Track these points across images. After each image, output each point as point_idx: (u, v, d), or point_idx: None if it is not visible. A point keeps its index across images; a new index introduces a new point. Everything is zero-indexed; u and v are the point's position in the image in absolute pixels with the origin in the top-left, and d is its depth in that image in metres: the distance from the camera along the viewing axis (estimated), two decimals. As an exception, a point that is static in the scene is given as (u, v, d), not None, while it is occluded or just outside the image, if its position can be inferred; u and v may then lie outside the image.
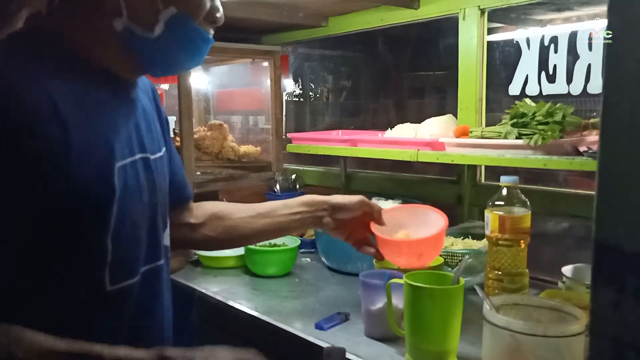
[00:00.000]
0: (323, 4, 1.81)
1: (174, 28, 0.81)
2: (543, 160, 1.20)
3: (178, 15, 0.80)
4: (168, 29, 0.81)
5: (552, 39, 1.46)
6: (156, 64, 0.86)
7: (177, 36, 0.82)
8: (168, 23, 0.80)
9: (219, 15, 0.86)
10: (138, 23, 0.80)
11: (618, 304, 0.65)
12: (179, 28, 0.81)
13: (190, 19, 0.82)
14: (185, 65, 0.89)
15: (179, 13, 0.80)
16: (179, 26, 0.81)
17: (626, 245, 0.63)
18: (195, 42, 0.85)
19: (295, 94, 2.49)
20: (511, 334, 0.83)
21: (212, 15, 0.85)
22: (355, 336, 1.14)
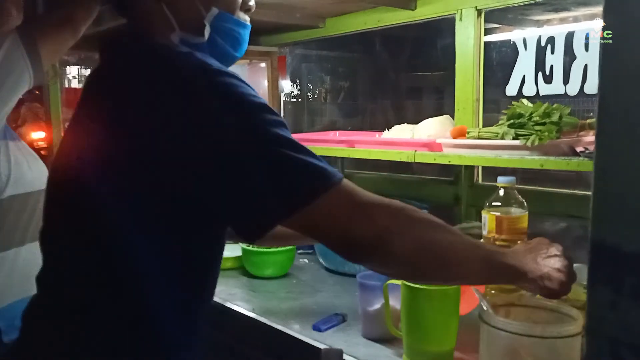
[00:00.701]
0: (320, 4, 1.81)
1: (219, 26, 0.87)
2: (540, 161, 1.20)
3: (220, 14, 0.86)
4: (214, 29, 0.86)
5: (548, 40, 1.46)
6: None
7: (223, 32, 0.88)
8: (213, 23, 0.86)
9: (251, 2, 0.92)
10: (190, 32, 0.85)
11: (615, 304, 0.65)
12: (223, 25, 0.87)
13: (230, 14, 0.88)
14: (235, 56, 0.93)
15: (220, 12, 0.86)
16: (223, 23, 0.87)
17: (623, 245, 0.63)
18: (239, 33, 0.91)
19: (293, 95, 2.48)
20: (508, 335, 0.83)
21: (246, 4, 0.92)
22: (352, 337, 1.14)
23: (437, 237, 0.79)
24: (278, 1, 1.73)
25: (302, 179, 0.72)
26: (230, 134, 0.71)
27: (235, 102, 0.72)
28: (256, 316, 1.27)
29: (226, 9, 0.87)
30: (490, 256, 0.83)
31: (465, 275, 0.84)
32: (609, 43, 0.64)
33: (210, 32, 0.86)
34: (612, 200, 0.64)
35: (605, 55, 0.64)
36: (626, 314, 0.64)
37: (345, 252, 0.77)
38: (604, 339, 0.67)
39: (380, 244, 0.75)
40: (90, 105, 0.83)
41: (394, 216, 0.77)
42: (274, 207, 0.71)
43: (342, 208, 0.74)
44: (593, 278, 0.67)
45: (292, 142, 0.73)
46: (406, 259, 0.77)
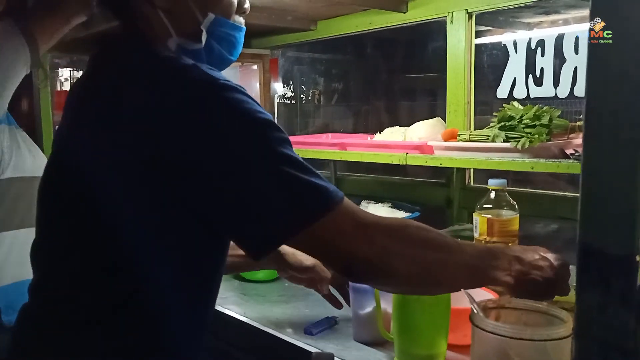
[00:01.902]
0: (311, 7, 1.81)
1: (215, 31, 0.86)
2: (530, 163, 1.21)
3: (216, 20, 0.85)
4: (210, 34, 0.85)
5: (538, 42, 1.47)
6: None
7: (219, 37, 0.87)
8: (209, 29, 0.85)
9: (247, 5, 0.92)
10: (186, 38, 0.84)
11: (603, 306, 0.65)
12: (220, 30, 0.86)
13: (226, 18, 0.87)
14: (231, 59, 0.93)
15: (217, 17, 0.85)
16: (219, 28, 0.86)
17: (610, 248, 0.64)
18: (235, 36, 0.90)
19: (286, 97, 2.48)
20: (498, 337, 0.83)
21: (241, 7, 0.91)
22: (344, 341, 1.14)
23: (436, 257, 0.79)
24: (270, 4, 1.73)
25: (307, 198, 0.72)
26: (236, 152, 0.71)
27: (242, 120, 0.72)
28: (248, 320, 1.26)
29: (222, 13, 0.86)
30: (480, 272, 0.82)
31: (457, 288, 0.89)
32: (596, 47, 0.64)
33: (208, 38, 0.85)
34: (599, 204, 0.64)
35: (592, 58, 0.65)
36: (614, 316, 0.64)
37: (345, 271, 0.78)
38: (593, 341, 0.67)
39: (380, 264, 0.75)
40: (88, 112, 0.81)
41: (393, 237, 0.77)
42: (279, 225, 0.72)
43: (344, 228, 0.74)
44: (581, 281, 0.67)
45: (298, 161, 0.74)
46: (405, 279, 0.79)
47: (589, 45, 0.63)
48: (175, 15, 0.83)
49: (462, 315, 0.95)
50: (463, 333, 0.97)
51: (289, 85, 2.47)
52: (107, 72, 0.81)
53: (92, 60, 0.86)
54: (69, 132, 0.84)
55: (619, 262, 0.62)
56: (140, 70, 0.77)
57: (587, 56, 0.64)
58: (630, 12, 0.62)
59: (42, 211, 0.85)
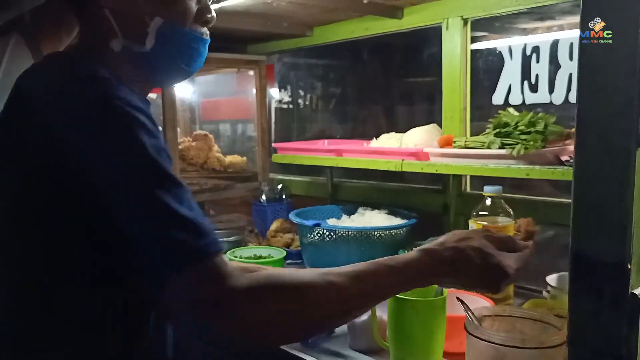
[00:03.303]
0: (307, 13, 1.81)
1: (166, 37, 0.83)
2: (526, 170, 1.20)
3: (165, 25, 0.82)
4: (160, 39, 0.82)
5: (534, 49, 1.47)
6: (162, 75, 0.88)
7: (171, 44, 0.84)
8: (158, 33, 0.82)
9: (209, 15, 0.88)
10: (132, 40, 0.82)
11: (596, 314, 0.65)
12: (170, 36, 0.83)
13: (179, 25, 0.83)
14: (188, 69, 0.90)
15: (165, 22, 0.82)
16: (170, 34, 0.83)
17: (602, 255, 0.64)
18: (191, 46, 0.86)
19: (283, 102, 2.48)
20: (493, 346, 0.83)
21: (202, 16, 0.87)
22: (340, 349, 1.14)
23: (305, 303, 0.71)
24: (265, 10, 1.73)
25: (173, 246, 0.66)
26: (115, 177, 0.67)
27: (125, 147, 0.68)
28: (243, 327, 1.25)
29: (176, 19, 0.83)
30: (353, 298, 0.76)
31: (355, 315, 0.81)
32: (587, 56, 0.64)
33: (157, 43, 0.82)
34: (591, 211, 0.64)
35: (583, 67, 0.65)
36: (607, 323, 0.64)
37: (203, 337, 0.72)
38: (586, 349, 0.67)
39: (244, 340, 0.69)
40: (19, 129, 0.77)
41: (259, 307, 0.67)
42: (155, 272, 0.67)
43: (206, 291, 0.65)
44: (574, 288, 0.67)
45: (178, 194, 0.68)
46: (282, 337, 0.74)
47: (579, 57, 0.64)
48: (122, 15, 0.81)
49: (458, 323, 0.95)
50: (459, 341, 0.96)
51: (286, 91, 2.47)
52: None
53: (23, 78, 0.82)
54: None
55: (610, 270, 0.62)
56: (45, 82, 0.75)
57: (578, 66, 0.64)
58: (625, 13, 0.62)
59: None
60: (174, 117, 1.87)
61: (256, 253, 1.62)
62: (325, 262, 1.55)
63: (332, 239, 1.52)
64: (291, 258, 1.71)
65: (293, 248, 1.76)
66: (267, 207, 2.05)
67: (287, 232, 1.84)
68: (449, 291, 1.07)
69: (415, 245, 1.56)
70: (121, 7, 0.81)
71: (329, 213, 1.78)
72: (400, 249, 1.51)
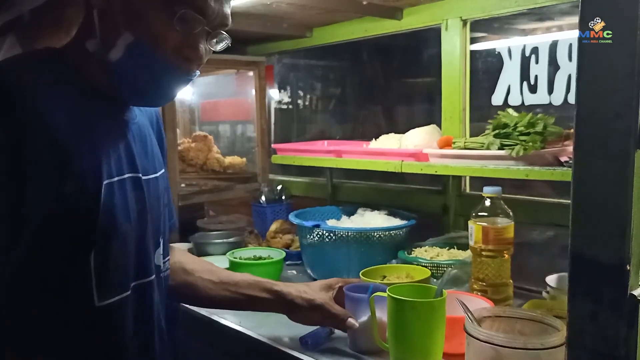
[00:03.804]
0: (307, 14, 1.81)
1: (133, 55, 0.79)
2: (525, 171, 1.21)
3: (135, 43, 0.78)
4: (128, 56, 0.79)
5: (533, 50, 1.48)
6: (126, 91, 0.85)
7: (135, 65, 0.80)
8: (128, 50, 0.79)
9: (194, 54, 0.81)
10: (106, 46, 0.80)
11: (595, 315, 0.65)
12: (137, 57, 0.79)
13: (150, 49, 0.79)
14: (152, 99, 0.87)
15: (135, 41, 0.78)
16: (137, 55, 0.79)
17: (601, 256, 0.64)
18: (157, 75, 0.81)
19: (283, 103, 2.49)
20: (492, 347, 0.83)
21: (183, 51, 0.80)
22: (339, 350, 1.13)
23: None
24: (265, 11, 1.73)
25: None
26: None
27: None
28: (243, 329, 1.26)
29: (147, 42, 0.78)
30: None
31: None
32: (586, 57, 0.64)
33: (123, 58, 0.79)
34: (590, 212, 0.64)
35: (582, 68, 0.65)
36: (605, 325, 0.64)
37: None
38: (585, 350, 0.67)
39: None
40: None
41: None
42: None
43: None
44: (573, 290, 0.67)
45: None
46: None
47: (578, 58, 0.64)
48: (104, 18, 0.80)
49: (458, 324, 0.95)
50: (459, 342, 0.96)
51: (286, 92, 2.47)
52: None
53: None
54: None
55: (609, 271, 0.63)
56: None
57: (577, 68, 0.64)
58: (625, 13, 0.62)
59: None
60: (174, 118, 1.87)
61: (256, 254, 1.62)
62: (325, 262, 1.55)
63: (332, 240, 1.52)
64: (291, 259, 1.71)
65: (293, 249, 1.76)
66: (267, 208, 2.05)
67: (286, 233, 1.85)
68: (449, 292, 1.08)
69: (415, 246, 1.56)
70: (107, 12, 0.80)
71: (328, 214, 1.78)
72: (400, 249, 1.51)
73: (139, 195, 0.87)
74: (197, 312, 1.37)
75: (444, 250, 1.53)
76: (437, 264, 1.41)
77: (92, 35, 0.81)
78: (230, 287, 1.12)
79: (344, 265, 1.49)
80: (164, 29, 0.78)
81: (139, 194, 0.87)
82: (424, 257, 1.46)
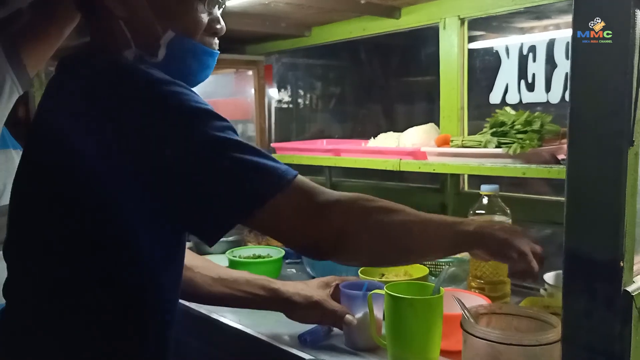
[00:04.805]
0: (305, 14, 1.82)
1: (177, 49, 0.84)
2: (522, 169, 1.21)
3: (177, 37, 0.84)
4: (171, 51, 0.84)
5: (530, 48, 1.48)
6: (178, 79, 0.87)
7: (181, 56, 0.85)
8: (169, 45, 0.84)
9: (219, 26, 0.90)
10: (145, 50, 0.84)
11: (590, 312, 0.66)
12: (181, 48, 0.85)
13: (189, 37, 0.85)
14: (195, 80, 0.91)
15: (177, 35, 0.84)
16: (180, 46, 0.85)
17: (595, 253, 0.64)
18: (199, 58, 0.88)
19: (283, 102, 2.49)
20: (488, 343, 0.83)
21: (212, 28, 0.88)
22: (337, 347, 1.14)
23: (393, 220, 0.80)
24: (263, 11, 1.73)
25: (256, 179, 0.74)
26: (177, 142, 0.72)
27: (178, 110, 0.74)
28: (242, 327, 1.26)
29: (185, 31, 0.84)
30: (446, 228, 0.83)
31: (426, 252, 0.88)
32: (580, 55, 0.65)
33: (167, 54, 0.84)
34: (584, 210, 0.65)
35: (576, 67, 0.65)
36: (600, 321, 0.64)
37: (304, 252, 0.82)
38: (579, 346, 0.67)
39: (337, 243, 0.77)
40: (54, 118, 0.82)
41: (348, 212, 0.78)
42: (229, 210, 0.74)
43: (296, 208, 0.75)
44: (567, 286, 0.67)
45: (242, 144, 0.75)
46: (366, 252, 0.81)
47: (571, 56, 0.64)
48: (136, 26, 0.83)
49: (455, 321, 0.95)
50: (456, 339, 0.97)
51: (286, 91, 2.47)
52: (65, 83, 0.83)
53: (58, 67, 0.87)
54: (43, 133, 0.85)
55: (603, 267, 0.63)
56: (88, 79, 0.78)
57: (570, 66, 0.64)
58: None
59: (16, 209, 0.85)
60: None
61: (255, 252, 1.62)
62: (325, 262, 1.55)
63: (331, 239, 1.52)
64: (290, 258, 1.71)
65: (292, 248, 1.76)
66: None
67: (286, 232, 1.85)
68: (447, 290, 1.08)
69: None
70: (134, 19, 0.82)
71: (327, 212, 1.78)
72: (399, 248, 1.51)
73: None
74: (196, 310, 1.38)
75: (442, 248, 1.53)
76: (436, 262, 1.41)
77: (126, 45, 0.83)
78: (229, 284, 1.13)
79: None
80: (194, 14, 0.85)
81: None
82: (422, 255, 1.46)
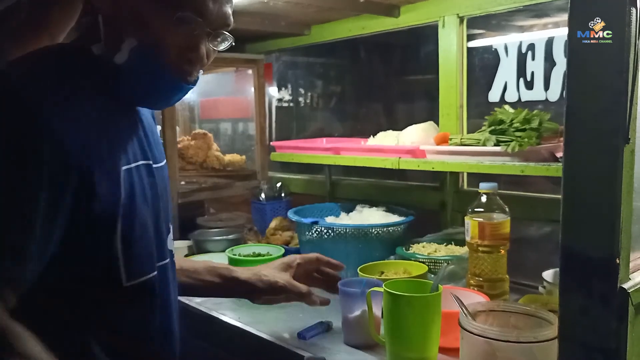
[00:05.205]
0: (305, 12, 1.82)
1: (136, 60, 0.80)
2: (520, 167, 1.21)
3: (139, 48, 0.79)
4: (131, 60, 0.80)
5: (529, 46, 1.48)
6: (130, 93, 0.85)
7: (137, 69, 0.81)
8: (131, 54, 0.80)
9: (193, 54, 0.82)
10: (111, 49, 0.81)
11: (586, 309, 0.66)
12: (142, 60, 0.80)
13: (154, 54, 0.80)
14: (151, 102, 0.89)
15: (140, 45, 0.79)
16: (142, 59, 0.80)
17: (592, 250, 0.65)
18: (156, 81, 0.82)
19: (283, 101, 2.49)
20: (486, 340, 0.84)
21: (186, 54, 0.81)
22: (336, 345, 1.15)
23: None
24: (262, 9, 1.74)
25: None
26: None
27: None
28: (242, 325, 1.27)
29: (150, 46, 0.79)
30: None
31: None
32: (576, 54, 0.65)
33: (127, 62, 0.80)
34: (580, 207, 0.65)
35: (573, 66, 0.66)
36: (596, 318, 0.65)
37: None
38: (576, 343, 0.68)
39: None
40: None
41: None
42: None
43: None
44: (564, 283, 0.68)
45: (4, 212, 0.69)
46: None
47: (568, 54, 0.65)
48: (110, 23, 0.81)
49: (453, 319, 0.96)
50: (454, 336, 0.97)
51: (286, 89, 2.48)
52: None
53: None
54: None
55: (599, 265, 0.64)
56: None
57: (567, 64, 0.65)
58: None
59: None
60: (173, 116, 1.88)
61: (255, 251, 1.62)
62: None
63: (331, 237, 1.53)
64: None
65: (292, 246, 1.77)
66: (266, 205, 2.06)
67: (286, 230, 1.85)
68: (445, 287, 1.08)
69: (413, 242, 1.57)
70: (111, 17, 0.81)
71: (327, 211, 1.79)
72: (398, 246, 1.52)
73: (152, 182, 0.89)
74: (196, 307, 1.39)
75: (441, 246, 1.54)
76: (435, 260, 1.42)
77: (97, 39, 0.82)
78: (190, 274, 1.12)
79: (342, 261, 1.48)
80: (165, 33, 0.79)
81: (152, 180, 0.89)
82: (421, 253, 1.47)
